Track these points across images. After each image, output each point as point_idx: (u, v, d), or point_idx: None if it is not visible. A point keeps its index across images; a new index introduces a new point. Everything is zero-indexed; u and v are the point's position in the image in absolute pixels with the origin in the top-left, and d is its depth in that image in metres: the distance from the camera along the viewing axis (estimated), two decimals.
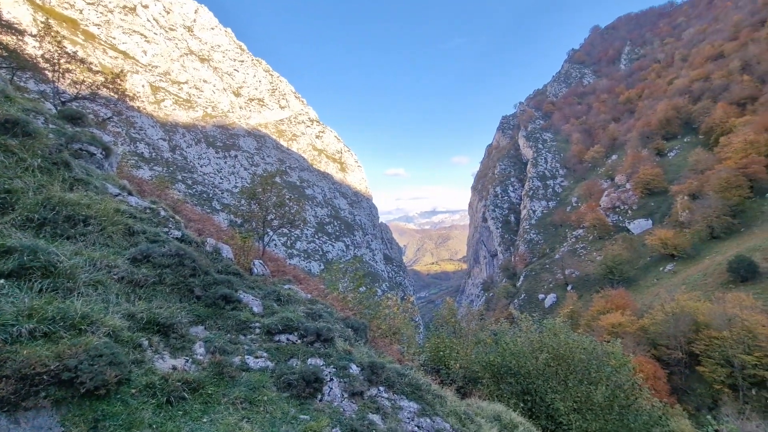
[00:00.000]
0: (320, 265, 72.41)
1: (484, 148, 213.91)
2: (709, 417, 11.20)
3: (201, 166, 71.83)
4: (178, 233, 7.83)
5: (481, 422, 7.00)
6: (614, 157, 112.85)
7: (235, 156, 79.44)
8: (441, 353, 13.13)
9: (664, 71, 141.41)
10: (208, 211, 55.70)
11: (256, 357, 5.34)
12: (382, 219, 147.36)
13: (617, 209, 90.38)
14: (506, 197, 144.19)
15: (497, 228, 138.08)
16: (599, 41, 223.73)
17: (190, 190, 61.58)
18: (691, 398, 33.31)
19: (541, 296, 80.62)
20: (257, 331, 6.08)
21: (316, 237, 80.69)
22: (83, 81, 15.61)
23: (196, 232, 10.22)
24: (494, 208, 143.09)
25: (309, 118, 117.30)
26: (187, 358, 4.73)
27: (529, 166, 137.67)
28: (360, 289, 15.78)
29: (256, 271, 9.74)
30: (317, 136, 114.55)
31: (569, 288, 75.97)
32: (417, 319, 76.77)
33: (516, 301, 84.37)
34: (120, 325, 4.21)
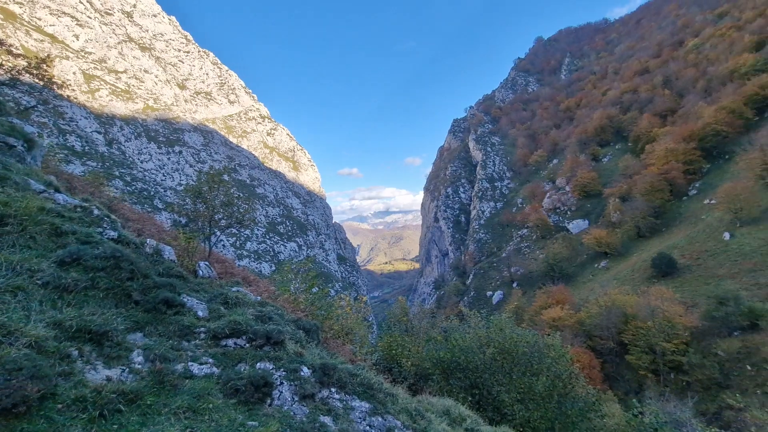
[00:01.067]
0: (272, 266, 70.47)
1: (436, 149, 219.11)
2: (634, 401, 12.30)
3: (141, 162, 67.09)
4: (113, 234, 7.28)
5: (432, 417, 7.18)
6: (555, 161, 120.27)
7: (180, 152, 75.06)
8: (393, 352, 13.29)
9: (599, 82, 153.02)
10: (149, 210, 52.19)
11: (201, 363, 5.10)
12: (336, 219, 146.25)
13: (558, 210, 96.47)
14: (457, 198, 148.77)
15: (448, 228, 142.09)
16: (542, 52, 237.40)
17: (128, 188, 57.34)
18: (621, 384, 36.33)
19: (489, 293, 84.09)
20: (202, 336, 5.81)
21: (268, 237, 78.39)
22: (1, 64, 14.04)
23: (135, 232, 9.55)
24: (446, 209, 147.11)
25: (260, 115, 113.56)
26: (124, 367, 4.41)
27: (478, 168, 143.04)
28: (312, 290, 15.56)
29: (201, 273, 9.29)
30: (269, 134, 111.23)
31: (515, 285, 79.92)
32: (370, 319, 76.97)
33: (466, 298, 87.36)
34: (44, 335, 3.84)
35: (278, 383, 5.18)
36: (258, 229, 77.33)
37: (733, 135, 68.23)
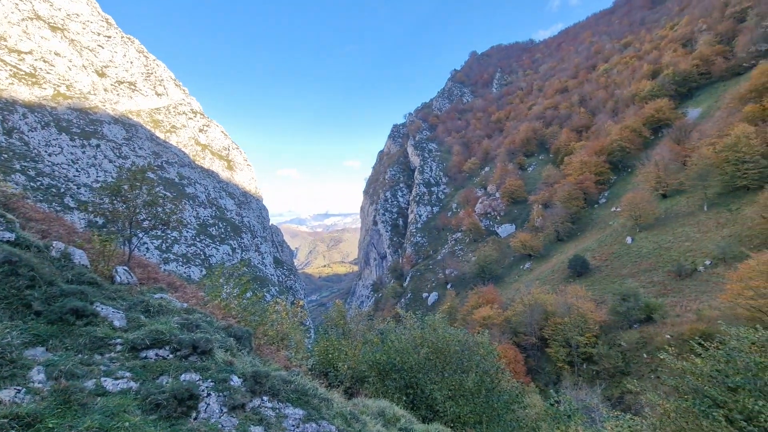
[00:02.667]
0: (201, 271, 66.16)
1: (375, 153, 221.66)
2: (551, 391, 13.44)
3: (49, 155, 59.34)
4: (10, 235, 6.40)
5: (366, 420, 7.24)
6: (487, 168, 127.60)
7: (97, 145, 67.63)
8: (330, 356, 13.17)
9: (525, 98, 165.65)
10: (59, 209, 46.42)
11: (116, 378, 4.67)
12: (274, 221, 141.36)
13: (489, 215, 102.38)
14: (395, 202, 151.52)
15: (387, 231, 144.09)
16: (476, 65, 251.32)
17: (32, 183, 50.41)
18: (542, 376, 39.38)
19: (425, 295, 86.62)
20: (118, 348, 5.32)
21: (198, 240, 73.53)
22: None
23: (39, 234, 8.46)
24: (384, 212, 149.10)
25: (192, 110, 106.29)
26: (20, 387, 3.90)
27: (416, 173, 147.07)
28: (246, 294, 14.90)
29: (119, 279, 8.49)
30: (201, 130, 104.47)
31: (449, 286, 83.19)
32: (307, 323, 75.33)
33: (403, 300, 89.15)
34: None
35: (205, 395, 4.91)
36: (187, 231, 72.24)
37: (635, 151, 77.63)
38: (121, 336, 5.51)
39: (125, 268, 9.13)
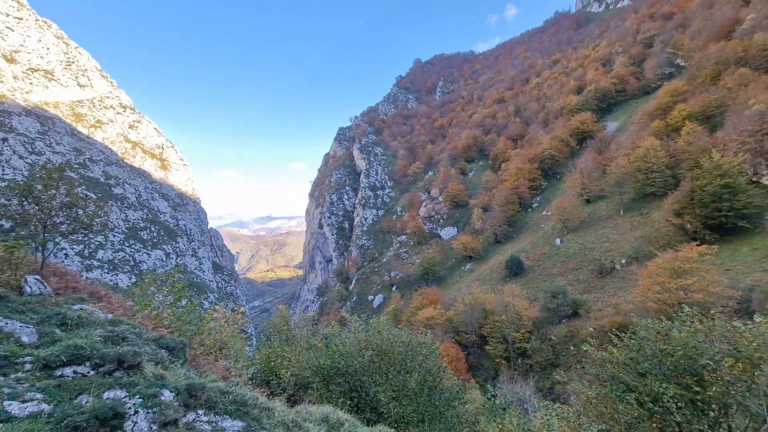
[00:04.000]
0: (131, 278, 60.95)
1: (321, 156, 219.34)
2: (488, 386, 14.17)
3: None
4: None
5: (310, 427, 7.14)
6: (431, 173, 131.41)
7: (5, 139, 59.80)
8: (272, 363, 12.78)
9: (467, 106, 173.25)
10: None
11: (25, 401, 4.18)
12: (213, 224, 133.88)
13: (432, 218, 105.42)
14: (341, 205, 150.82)
15: (332, 234, 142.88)
16: (420, 73, 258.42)
17: None
18: (481, 372, 41.20)
19: (370, 297, 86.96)
20: (27, 367, 4.77)
21: (127, 244, 67.67)
22: None
23: None
24: (330, 215, 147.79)
25: (120, 104, 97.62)
26: None
27: (362, 176, 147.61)
28: (180, 302, 14.01)
29: (29, 290, 7.60)
30: (131, 126, 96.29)
31: (394, 288, 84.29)
32: (249, 330, 72.30)
33: (349, 303, 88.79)
34: None
35: (132, 412, 4.56)
36: (115, 235, 66.22)
37: (563, 159, 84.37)
38: (31, 353, 4.95)
39: (37, 277, 8.21)
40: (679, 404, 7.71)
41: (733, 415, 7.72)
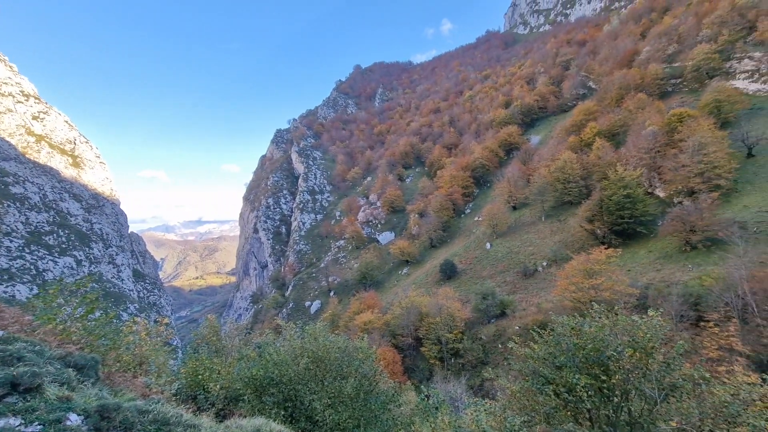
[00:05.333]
0: (32, 289, 53.65)
1: (257, 158, 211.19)
2: (422, 387, 14.58)
3: None
4: None
5: None
6: (369, 178, 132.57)
7: None
8: (199, 376, 11.96)
9: (405, 114, 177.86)
10: None
11: None
12: (135, 228, 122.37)
13: (370, 223, 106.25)
14: (278, 209, 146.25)
15: (268, 239, 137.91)
16: (360, 79, 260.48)
17: None
18: (417, 374, 42.10)
19: (308, 303, 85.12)
20: None
21: (27, 251, 59.42)
22: None
23: None
24: (266, 219, 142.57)
25: (22, 91, 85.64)
26: None
27: (300, 180, 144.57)
28: (92, 315, 12.62)
29: None
30: (36, 117, 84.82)
31: (332, 294, 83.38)
32: (174, 342, 66.96)
33: (285, 310, 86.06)
34: None
35: None
36: (12, 240, 57.83)
37: (493, 168, 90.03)
38: None
39: None
40: (589, 393, 8.54)
41: (632, 399, 8.73)
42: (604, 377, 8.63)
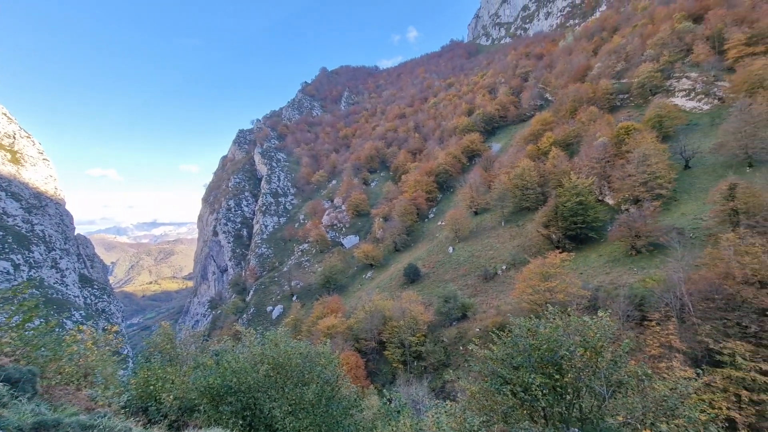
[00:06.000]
0: None
1: (218, 158, 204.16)
2: (386, 391, 14.59)
3: None
4: None
5: None
6: (334, 181, 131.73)
7: None
8: (151, 387, 11.31)
9: (370, 118, 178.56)
10: None
11: None
12: (82, 230, 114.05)
13: (335, 226, 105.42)
14: (239, 211, 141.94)
15: (229, 242, 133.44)
16: (326, 81, 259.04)
17: None
18: (380, 377, 42.12)
19: (269, 308, 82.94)
20: None
21: None
22: None
23: None
24: (227, 222, 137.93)
25: None
26: None
27: (263, 182, 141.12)
28: (30, 323, 11.69)
29: None
30: None
31: (294, 298, 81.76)
32: (125, 351, 63.05)
33: (245, 316, 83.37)
34: None
35: None
36: None
37: (456, 174, 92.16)
38: None
39: None
40: (543, 391, 8.90)
41: (583, 396, 9.19)
42: (557, 376, 9.02)
